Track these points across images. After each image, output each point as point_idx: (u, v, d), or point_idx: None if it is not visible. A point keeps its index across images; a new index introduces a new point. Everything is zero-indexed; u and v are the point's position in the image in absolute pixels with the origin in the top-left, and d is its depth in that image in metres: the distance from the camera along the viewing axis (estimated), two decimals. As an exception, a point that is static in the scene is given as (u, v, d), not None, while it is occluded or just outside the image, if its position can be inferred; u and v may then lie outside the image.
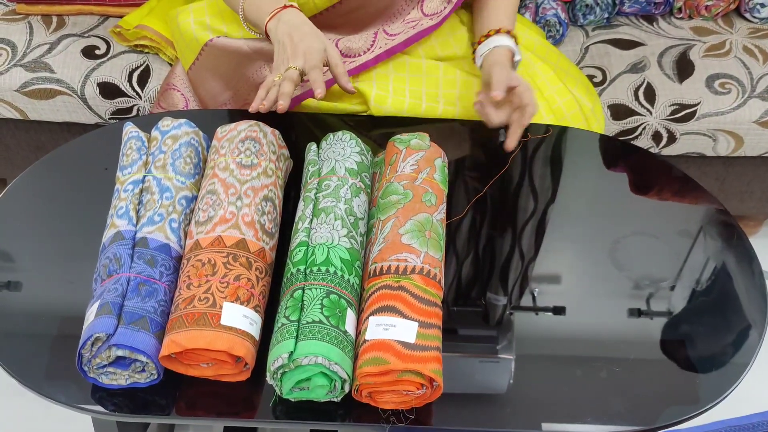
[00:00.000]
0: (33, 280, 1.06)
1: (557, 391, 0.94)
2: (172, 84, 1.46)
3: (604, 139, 1.32)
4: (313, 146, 1.09)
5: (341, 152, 1.05)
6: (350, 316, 0.90)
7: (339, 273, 0.92)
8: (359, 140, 1.09)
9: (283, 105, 1.10)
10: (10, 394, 1.64)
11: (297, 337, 0.86)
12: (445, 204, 1.04)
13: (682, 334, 1.02)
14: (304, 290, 0.90)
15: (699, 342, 1.01)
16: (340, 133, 1.09)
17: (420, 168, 1.04)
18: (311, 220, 0.97)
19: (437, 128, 1.27)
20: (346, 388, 0.88)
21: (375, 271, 0.94)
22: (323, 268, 0.92)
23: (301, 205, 1.01)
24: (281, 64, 1.16)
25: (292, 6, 1.21)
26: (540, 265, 1.11)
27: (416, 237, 0.96)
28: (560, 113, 1.34)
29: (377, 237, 0.98)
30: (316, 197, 1.00)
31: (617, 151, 1.30)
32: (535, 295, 1.06)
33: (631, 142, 1.63)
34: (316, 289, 0.90)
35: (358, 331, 0.91)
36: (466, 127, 1.28)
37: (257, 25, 1.26)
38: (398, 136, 1.09)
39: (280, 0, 1.22)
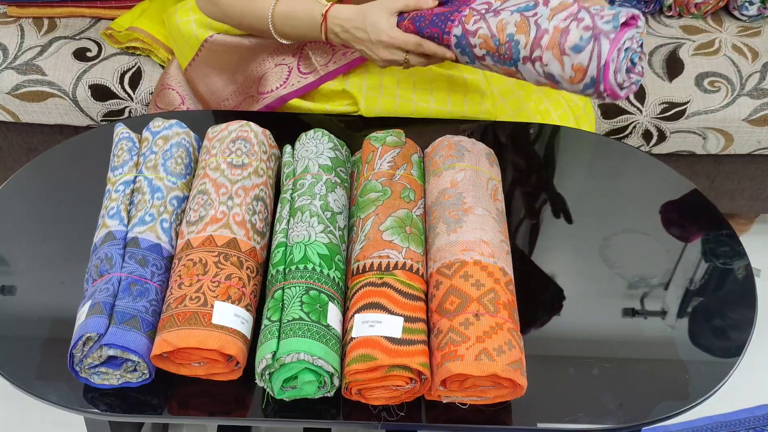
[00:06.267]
0: (25, 281, 1.06)
1: (551, 389, 0.95)
2: (168, 84, 1.47)
3: (594, 137, 1.32)
4: (288, 148, 1.09)
5: (314, 150, 1.06)
6: (333, 309, 0.91)
7: (318, 269, 0.93)
8: (332, 136, 1.09)
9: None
10: (5, 399, 1.65)
11: (279, 336, 0.86)
12: (423, 199, 1.05)
13: (672, 331, 1.03)
14: (283, 290, 0.91)
15: (688, 339, 1.02)
16: (312, 131, 1.09)
17: (397, 165, 1.05)
18: (288, 220, 0.98)
19: (428, 128, 1.27)
20: (336, 382, 0.88)
21: (358, 269, 0.95)
22: (301, 266, 0.92)
23: (278, 207, 1.02)
24: (381, 52, 1.14)
25: (327, 13, 1.17)
26: (533, 265, 1.11)
27: (397, 233, 0.97)
28: (547, 113, 1.34)
29: (358, 235, 0.98)
30: (291, 197, 1.01)
31: (608, 150, 1.31)
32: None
33: (622, 140, 1.64)
34: (295, 287, 0.91)
35: (345, 330, 0.91)
36: (457, 127, 1.28)
37: (302, 37, 1.24)
38: (373, 134, 1.10)
39: (313, 15, 1.18)
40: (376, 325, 0.88)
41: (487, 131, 1.27)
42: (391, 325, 0.87)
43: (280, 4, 1.21)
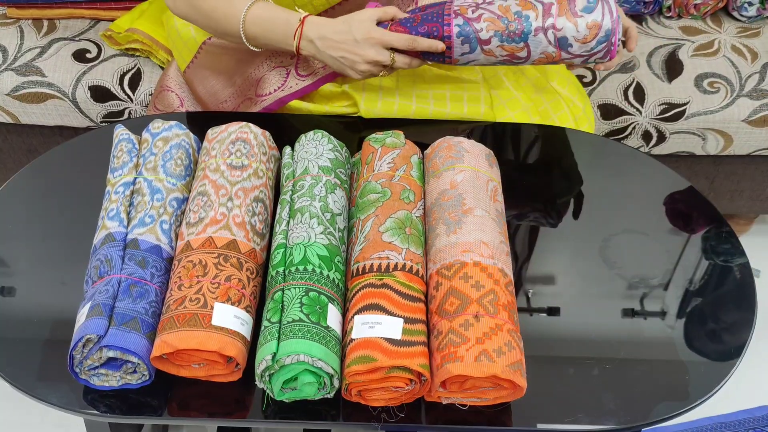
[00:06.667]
0: (25, 283, 1.06)
1: (551, 390, 0.95)
2: (167, 85, 1.47)
3: (594, 138, 1.33)
4: (287, 149, 1.09)
5: (314, 151, 1.06)
6: (332, 311, 0.91)
7: (317, 270, 0.93)
8: (332, 137, 1.09)
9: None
10: (5, 400, 1.65)
11: (279, 337, 0.86)
12: (423, 200, 1.05)
13: (672, 332, 1.03)
14: (283, 291, 0.91)
15: (688, 340, 1.02)
16: (311, 132, 1.09)
17: (396, 166, 1.05)
18: (288, 221, 0.98)
19: (427, 129, 1.27)
20: (336, 383, 0.88)
21: (358, 270, 0.95)
22: (301, 267, 0.92)
23: (278, 208, 1.02)
24: (362, 67, 1.16)
25: (306, 18, 1.17)
26: (534, 266, 1.11)
27: (397, 234, 0.97)
28: (547, 115, 1.34)
29: (358, 236, 0.99)
30: (291, 199, 1.01)
31: (607, 151, 1.31)
32: (530, 296, 1.06)
33: (621, 141, 1.64)
34: (295, 288, 0.91)
35: (344, 331, 0.91)
36: (457, 128, 1.28)
37: (274, 47, 1.23)
38: (373, 135, 1.10)
39: (290, 20, 1.17)
40: (375, 327, 0.88)
41: (486, 132, 1.27)
42: (390, 327, 0.87)
43: (255, 7, 1.19)
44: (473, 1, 1.17)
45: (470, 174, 1.04)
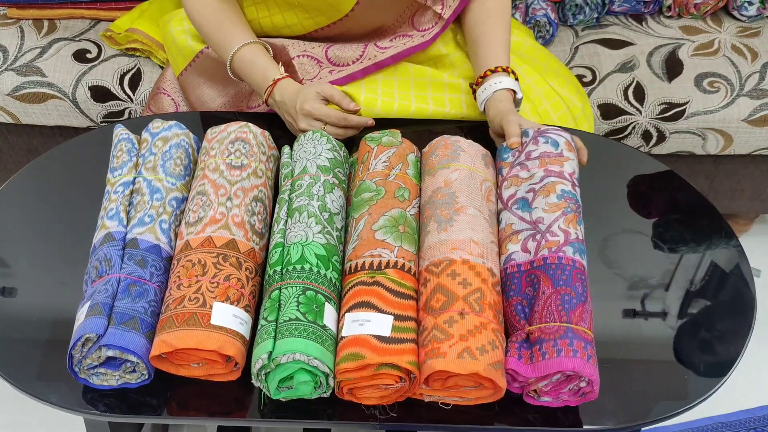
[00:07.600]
0: (24, 282, 1.06)
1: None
2: (162, 88, 1.47)
3: (594, 138, 1.32)
4: (286, 149, 1.10)
5: (312, 151, 1.06)
6: (329, 310, 0.91)
7: (315, 269, 0.93)
8: (330, 137, 1.09)
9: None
10: (4, 401, 1.65)
11: (275, 336, 0.86)
12: (419, 198, 1.05)
13: (671, 332, 1.03)
14: (280, 290, 0.91)
15: (687, 340, 1.02)
16: (310, 132, 1.10)
17: (392, 164, 1.05)
18: (286, 220, 0.98)
19: (426, 128, 1.27)
20: (332, 383, 0.88)
21: (350, 268, 0.95)
22: (298, 266, 0.92)
23: (276, 208, 1.02)
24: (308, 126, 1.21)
25: (277, 81, 1.24)
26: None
27: (390, 232, 0.97)
28: (546, 115, 1.34)
29: (352, 235, 0.99)
30: (290, 198, 1.01)
31: (607, 151, 1.31)
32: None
33: (621, 141, 1.64)
34: (292, 287, 0.91)
35: (338, 329, 0.92)
36: (456, 128, 1.28)
37: (246, 82, 1.31)
38: (370, 134, 1.10)
39: (266, 76, 1.25)
40: (365, 324, 0.88)
41: (485, 132, 1.27)
42: (380, 324, 0.88)
43: (246, 50, 1.26)
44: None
45: (465, 173, 1.04)
